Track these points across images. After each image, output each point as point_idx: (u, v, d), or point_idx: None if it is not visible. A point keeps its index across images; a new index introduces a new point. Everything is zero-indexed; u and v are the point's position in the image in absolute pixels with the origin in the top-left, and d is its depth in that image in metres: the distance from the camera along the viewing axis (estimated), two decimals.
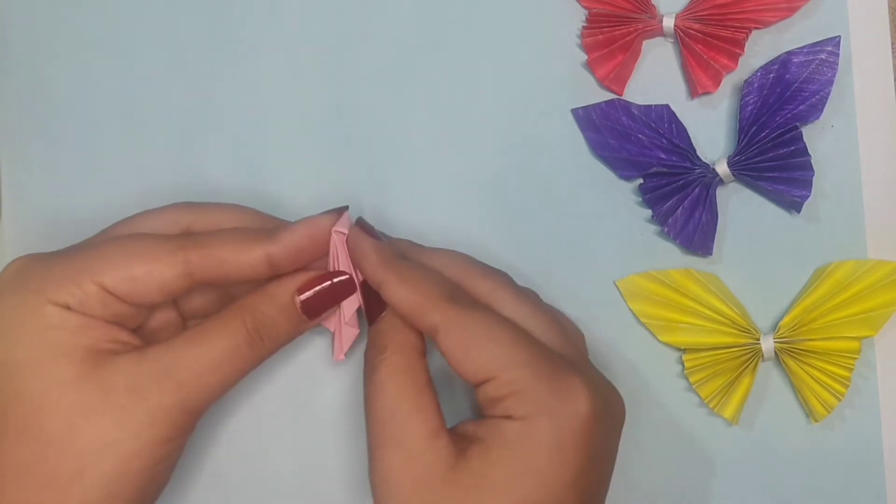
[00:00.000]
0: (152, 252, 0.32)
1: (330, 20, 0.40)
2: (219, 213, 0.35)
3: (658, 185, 0.37)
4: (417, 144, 0.39)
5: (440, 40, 0.39)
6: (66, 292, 0.31)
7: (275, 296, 0.33)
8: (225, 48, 0.40)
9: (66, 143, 0.40)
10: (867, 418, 0.37)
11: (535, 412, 0.30)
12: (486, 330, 0.31)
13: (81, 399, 0.30)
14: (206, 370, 0.31)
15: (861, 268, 0.36)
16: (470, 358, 0.31)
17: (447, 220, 0.39)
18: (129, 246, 0.32)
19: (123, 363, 0.31)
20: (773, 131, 0.36)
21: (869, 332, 0.36)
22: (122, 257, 0.31)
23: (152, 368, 0.31)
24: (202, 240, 0.32)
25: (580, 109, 0.38)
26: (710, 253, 0.37)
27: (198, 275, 0.32)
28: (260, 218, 0.35)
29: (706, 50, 0.37)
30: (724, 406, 0.36)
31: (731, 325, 0.37)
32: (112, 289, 0.31)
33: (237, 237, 0.32)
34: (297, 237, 0.33)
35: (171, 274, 0.32)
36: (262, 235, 0.33)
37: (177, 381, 0.31)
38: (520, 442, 0.30)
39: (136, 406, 0.31)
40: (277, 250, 0.32)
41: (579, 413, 0.30)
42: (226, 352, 0.32)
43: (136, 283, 0.31)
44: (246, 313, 0.33)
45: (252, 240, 0.32)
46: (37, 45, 0.40)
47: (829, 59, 0.37)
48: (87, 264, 0.31)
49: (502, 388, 0.31)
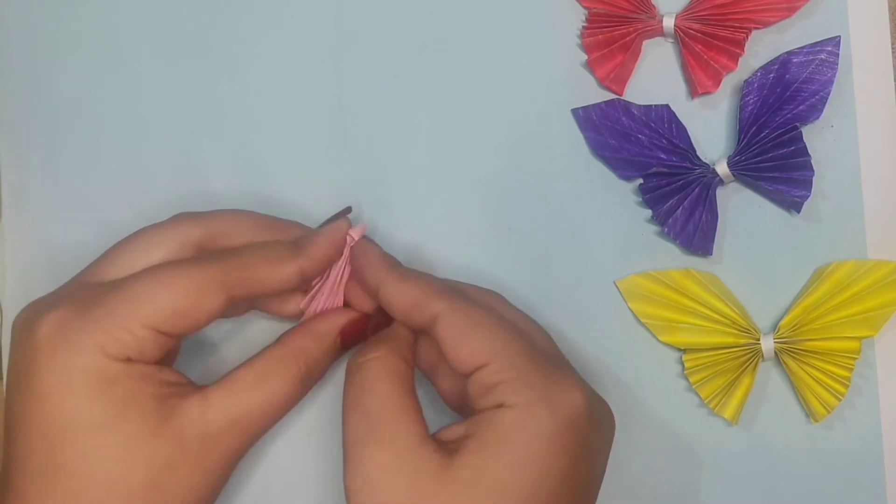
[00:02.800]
0: (195, 285, 0.31)
1: (330, 21, 0.40)
2: (225, 222, 0.34)
3: (658, 185, 0.37)
4: (417, 144, 0.39)
5: (440, 40, 0.39)
6: (123, 344, 0.30)
7: (323, 338, 0.35)
8: (225, 49, 0.40)
9: (66, 143, 0.40)
10: (867, 418, 0.37)
11: (531, 399, 0.30)
12: (483, 319, 0.32)
13: (160, 452, 0.30)
14: (268, 415, 0.33)
15: (861, 268, 0.36)
16: (466, 342, 0.31)
17: (447, 220, 0.39)
18: (169, 282, 0.31)
19: (192, 412, 0.31)
20: (773, 131, 0.36)
21: (869, 332, 0.36)
22: (166, 295, 0.31)
23: (219, 417, 0.32)
24: (237, 262, 0.33)
25: (580, 109, 0.38)
26: (710, 253, 0.37)
27: (236, 296, 0.32)
28: (267, 222, 0.35)
29: (706, 50, 0.37)
30: (724, 406, 0.36)
31: (731, 325, 0.37)
32: (164, 329, 0.31)
33: (269, 256, 0.33)
34: (324, 248, 0.34)
35: (216, 303, 0.32)
36: (292, 250, 0.34)
37: (243, 428, 0.32)
38: (515, 431, 0.30)
39: (210, 454, 0.31)
40: (310, 265, 0.34)
41: (575, 403, 0.31)
42: (285, 396, 0.33)
43: (184, 318, 0.31)
44: (300, 357, 0.34)
45: (284, 257, 0.33)
46: (37, 46, 0.40)
47: (829, 59, 0.37)
48: (132, 309, 0.31)
49: (497, 375, 0.31)
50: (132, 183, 0.39)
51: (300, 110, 0.39)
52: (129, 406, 0.30)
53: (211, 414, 0.31)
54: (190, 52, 0.40)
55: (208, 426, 0.31)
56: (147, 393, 0.31)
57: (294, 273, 0.33)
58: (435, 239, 0.38)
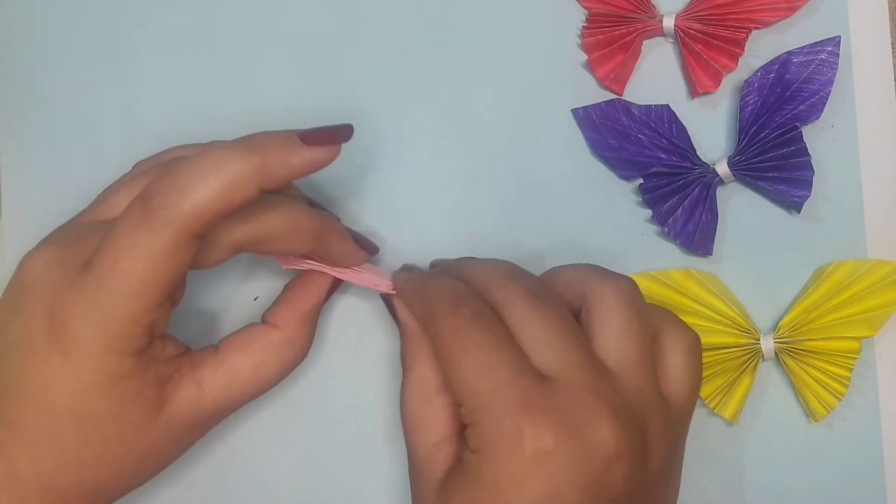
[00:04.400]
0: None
1: (330, 21, 0.40)
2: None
3: (658, 185, 0.37)
4: (417, 144, 0.39)
5: (440, 41, 0.39)
6: (135, 338, 0.30)
7: (310, 316, 0.35)
8: (225, 49, 0.40)
9: (66, 143, 0.40)
10: (867, 418, 0.37)
11: (481, 448, 0.29)
12: (462, 351, 0.29)
13: (151, 438, 0.32)
14: (252, 396, 0.34)
15: (861, 268, 0.36)
16: (449, 377, 0.30)
17: (447, 220, 0.39)
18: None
19: (186, 404, 0.32)
20: (774, 131, 0.36)
21: (869, 332, 0.36)
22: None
23: (212, 408, 0.33)
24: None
25: (580, 109, 0.38)
26: (710, 253, 0.37)
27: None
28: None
29: (706, 50, 0.37)
30: (724, 406, 0.36)
31: (731, 325, 0.37)
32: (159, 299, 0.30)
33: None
34: (294, 171, 0.31)
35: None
36: (255, 169, 0.30)
37: (228, 411, 0.34)
38: (470, 474, 0.29)
39: (192, 434, 0.33)
40: (273, 186, 0.31)
41: (520, 454, 0.28)
42: (275, 380, 0.34)
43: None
44: (295, 341, 0.34)
45: (245, 179, 0.30)
46: (37, 46, 0.40)
47: (829, 59, 0.37)
48: (139, 301, 0.30)
49: (466, 416, 0.29)
50: None
51: (300, 110, 0.39)
52: (132, 400, 0.31)
53: (203, 402, 0.32)
54: (190, 53, 0.40)
55: (199, 413, 0.32)
56: (150, 381, 0.31)
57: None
58: (435, 239, 0.38)
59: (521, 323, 0.30)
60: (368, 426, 0.38)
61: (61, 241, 0.32)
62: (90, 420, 0.30)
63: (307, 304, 0.35)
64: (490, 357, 0.29)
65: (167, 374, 0.32)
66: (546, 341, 0.29)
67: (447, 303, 0.31)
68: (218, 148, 0.29)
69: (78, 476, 0.31)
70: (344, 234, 0.35)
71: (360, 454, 0.38)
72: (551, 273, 0.34)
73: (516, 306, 0.30)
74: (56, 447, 0.30)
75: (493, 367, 0.29)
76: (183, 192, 0.28)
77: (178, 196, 0.28)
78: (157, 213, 0.28)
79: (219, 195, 0.29)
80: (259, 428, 0.39)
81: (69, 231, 0.33)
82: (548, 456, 0.28)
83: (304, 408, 0.39)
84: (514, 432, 0.28)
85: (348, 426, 0.38)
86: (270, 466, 0.39)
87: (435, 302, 0.31)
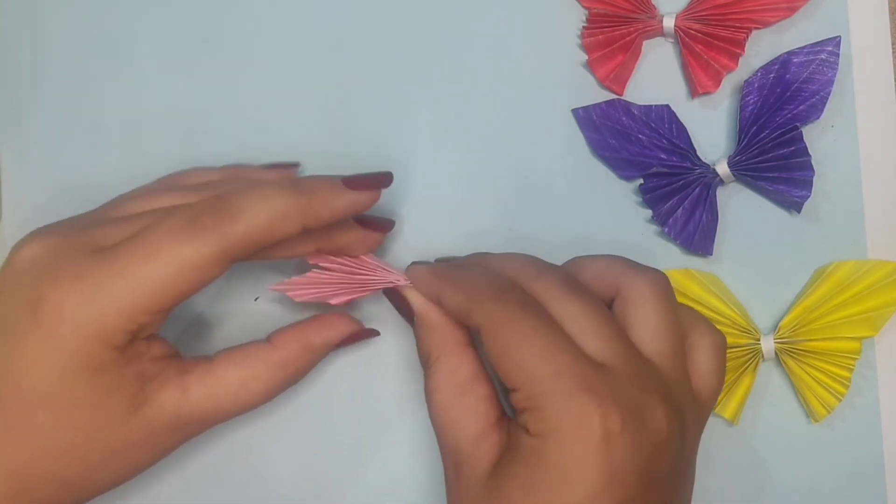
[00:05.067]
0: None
1: (331, 20, 0.40)
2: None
3: (658, 186, 0.37)
4: (418, 144, 0.39)
5: (440, 40, 0.39)
6: (126, 333, 0.30)
7: (317, 351, 0.35)
8: (225, 48, 0.40)
9: (66, 143, 0.40)
10: (867, 418, 0.37)
11: (544, 431, 0.29)
12: (519, 336, 0.30)
13: (127, 435, 0.31)
14: (235, 413, 0.33)
15: (861, 268, 0.36)
16: (502, 364, 0.30)
17: (447, 220, 0.39)
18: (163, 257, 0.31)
19: (167, 405, 0.32)
20: (774, 131, 0.36)
21: (869, 332, 0.36)
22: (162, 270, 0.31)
23: (193, 413, 0.32)
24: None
25: (580, 109, 0.38)
26: (710, 253, 0.37)
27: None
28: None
29: (706, 50, 0.37)
30: (724, 406, 0.36)
31: (731, 326, 0.37)
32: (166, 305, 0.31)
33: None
34: (337, 214, 0.33)
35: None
36: (301, 207, 0.32)
37: (211, 421, 0.33)
38: (530, 459, 0.29)
39: (171, 439, 0.33)
40: (315, 225, 0.32)
41: (590, 435, 0.28)
42: (263, 399, 0.34)
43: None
44: (288, 366, 0.34)
45: (290, 214, 0.32)
46: (37, 46, 0.40)
47: (830, 59, 0.37)
48: (142, 298, 0.30)
49: (522, 401, 0.29)
50: (132, 183, 0.39)
51: (301, 110, 0.39)
52: (111, 392, 0.31)
53: (185, 408, 0.32)
54: (190, 51, 0.40)
55: (179, 418, 0.32)
56: (131, 376, 0.31)
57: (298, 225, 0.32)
58: (436, 239, 0.38)
59: (563, 313, 0.30)
60: (369, 426, 0.38)
61: (64, 230, 0.32)
62: (66, 406, 0.30)
63: (316, 338, 0.35)
64: (548, 342, 0.29)
65: (151, 373, 0.32)
66: (592, 331, 0.30)
67: (491, 290, 0.31)
68: (272, 184, 0.32)
69: (49, 466, 0.31)
70: (348, 224, 0.35)
71: (360, 454, 0.38)
72: (577, 264, 0.33)
73: (554, 297, 0.31)
74: (29, 431, 0.30)
75: (553, 352, 0.29)
76: (236, 215, 0.31)
77: (231, 218, 0.30)
78: (207, 228, 0.30)
79: (266, 224, 0.31)
80: (259, 428, 0.39)
81: (73, 222, 0.33)
82: (616, 437, 0.28)
83: (305, 408, 0.38)
84: (582, 414, 0.28)
85: (349, 426, 0.38)
86: (271, 467, 0.39)
87: (478, 289, 0.31)
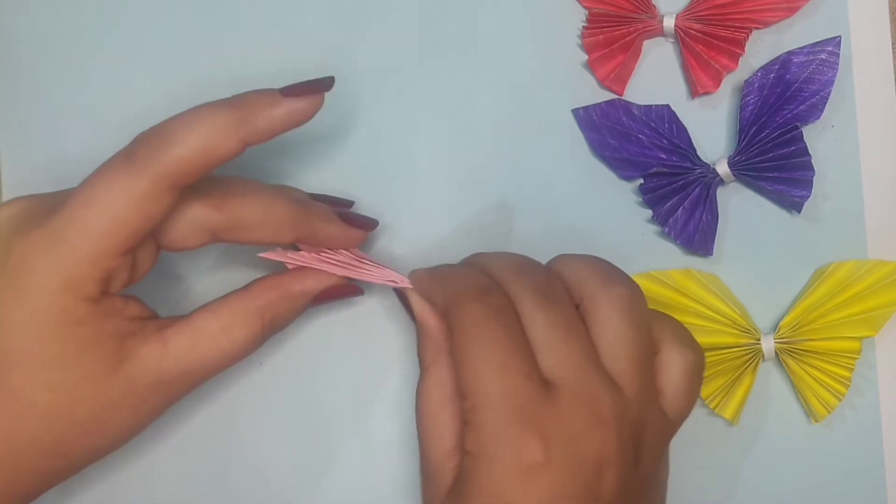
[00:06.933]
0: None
1: (331, 21, 0.40)
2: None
3: (658, 186, 0.37)
4: (418, 144, 0.39)
5: (440, 40, 0.39)
6: (94, 282, 0.30)
7: (296, 300, 0.34)
8: (225, 48, 0.40)
9: (66, 144, 0.40)
10: (867, 418, 0.37)
11: (479, 453, 0.29)
12: (482, 345, 0.29)
13: (110, 393, 0.31)
14: (221, 365, 0.33)
15: (861, 268, 0.36)
16: (460, 368, 0.30)
17: (447, 220, 0.39)
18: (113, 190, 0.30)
19: (148, 360, 0.31)
20: (774, 131, 0.36)
21: (869, 332, 0.36)
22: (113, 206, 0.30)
23: (175, 368, 0.32)
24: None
25: (580, 109, 0.38)
26: (710, 253, 0.37)
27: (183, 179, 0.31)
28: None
29: (706, 50, 0.37)
30: (724, 406, 0.36)
31: (731, 326, 0.37)
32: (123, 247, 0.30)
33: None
34: (276, 124, 0.32)
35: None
36: (237, 121, 0.31)
37: (196, 376, 0.32)
38: (466, 477, 0.29)
39: (155, 397, 0.32)
40: (255, 139, 0.31)
41: (519, 464, 0.28)
42: (243, 349, 0.33)
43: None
44: (266, 314, 0.33)
45: (226, 130, 0.31)
46: (37, 46, 0.40)
47: (830, 59, 0.37)
48: (101, 240, 0.30)
49: (468, 412, 0.29)
50: None
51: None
52: (89, 348, 0.30)
53: (167, 362, 0.31)
54: (191, 52, 0.40)
55: (161, 374, 0.31)
56: (109, 332, 0.31)
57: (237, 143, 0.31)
58: (436, 239, 0.38)
59: (529, 322, 0.30)
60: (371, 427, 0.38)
61: (43, 194, 0.33)
62: (43, 364, 0.30)
63: (295, 285, 0.34)
64: (505, 358, 0.29)
65: (129, 330, 0.31)
66: (551, 347, 0.29)
67: (473, 291, 0.31)
68: (202, 105, 0.31)
69: (31, 429, 0.30)
70: (330, 218, 0.34)
71: (361, 454, 0.38)
72: (559, 262, 0.33)
73: (526, 304, 0.30)
74: (7, 392, 0.30)
75: (506, 369, 0.29)
76: (167, 141, 0.30)
77: (163, 144, 0.30)
78: (140, 159, 0.30)
79: (201, 145, 0.30)
80: (260, 428, 0.39)
81: (49, 193, 0.33)
82: (546, 467, 0.28)
83: (306, 408, 0.38)
84: (513, 443, 0.28)
85: (350, 427, 0.38)
86: (271, 467, 0.39)
87: (462, 289, 0.31)
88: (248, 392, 0.39)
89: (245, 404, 0.39)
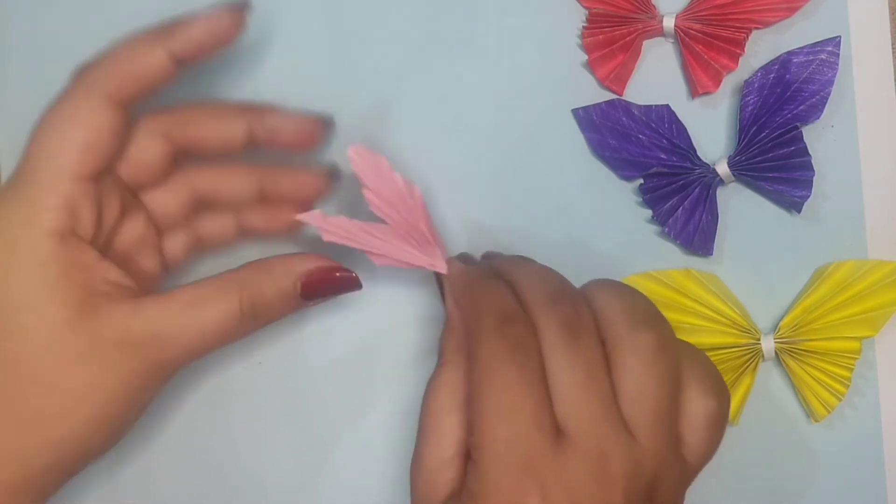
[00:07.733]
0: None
1: (331, 20, 0.40)
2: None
3: (658, 186, 0.37)
4: (417, 144, 0.39)
5: (440, 40, 0.39)
6: (55, 213, 0.31)
7: (278, 279, 0.33)
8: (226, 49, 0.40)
9: None
10: (867, 418, 0.37)
11: (479, 493, 0.28)
12: (495, 384, 0.28)
13: (73, 344, 0.30)
14: (195, 338, 0.32)
15: (861, 268, 0.36)
16: (472, 402, 0.29)
17: (447, 220, 0.39)
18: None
19: (116, 316, 0.31)
20: (774, 131, 0.36)
21: (869, 332, 0.36)
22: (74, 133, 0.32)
23: (144, 328, 0.31)
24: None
25: (580, 109, 0.38)
26: (710, 253, 0.37)
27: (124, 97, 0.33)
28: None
29: (706, 50, 0.37)
30: None
31: (731, 326, 0.37)
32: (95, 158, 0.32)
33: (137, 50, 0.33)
34: (197, 33, 0.33)
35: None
36: (160, 33, 0.33)
37: (165, 343, 0.31)
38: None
39: (124, 359, 0.31)
40: (180, 47, 0.33)
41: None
42: (217, 324, 0.32)
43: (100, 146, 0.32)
44: (244, 290, 0.32)
45: (150, 41, 0.33)
46: (37, 46, 0.40)
47: (830, 59, 0.37)
48: (53, 163, 0.31)
49: (473, 448, 0.28)
50: None
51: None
52: (52, 291, 0.30)
53: (135, 323, 0.31)
54: None
55: (128, 332, 0.31)
56: (77, 281, 0.31)
57: (162, 58, 0.33)
58: None
59: (550, 356, 0.29)
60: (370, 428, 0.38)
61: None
62: (8, 308, 0.30)
63: (278, 265, 0.33)
64: (517, 402, 0.28)
65: (102, 290, 0.31)
66: (566, 392, 0.28)
67: (496, 318, 0.29)
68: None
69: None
70: (282, 111, 0.35)
71: (360, 455, 0.38)
72: (592, 291, 0.31)
73: (549, 338, 0.29)
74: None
75: (517, 415, 0.28)
76: (100, 61, 0.33)
77: (96, 64, 0.33)
78: (80, 83, 0.33)
79: (129, 59, 0.33)
80: (258, 428, 0.39)
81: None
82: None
83: (305, 408, 0.38)
84: (510, 491, 0.27)
85: (349, 428, 0.38)
86: (270, 467, 0.39)
87: (485, 310, 0.30)
88: (247, 392, 0.39)
89: (244, 404, 0.39)
